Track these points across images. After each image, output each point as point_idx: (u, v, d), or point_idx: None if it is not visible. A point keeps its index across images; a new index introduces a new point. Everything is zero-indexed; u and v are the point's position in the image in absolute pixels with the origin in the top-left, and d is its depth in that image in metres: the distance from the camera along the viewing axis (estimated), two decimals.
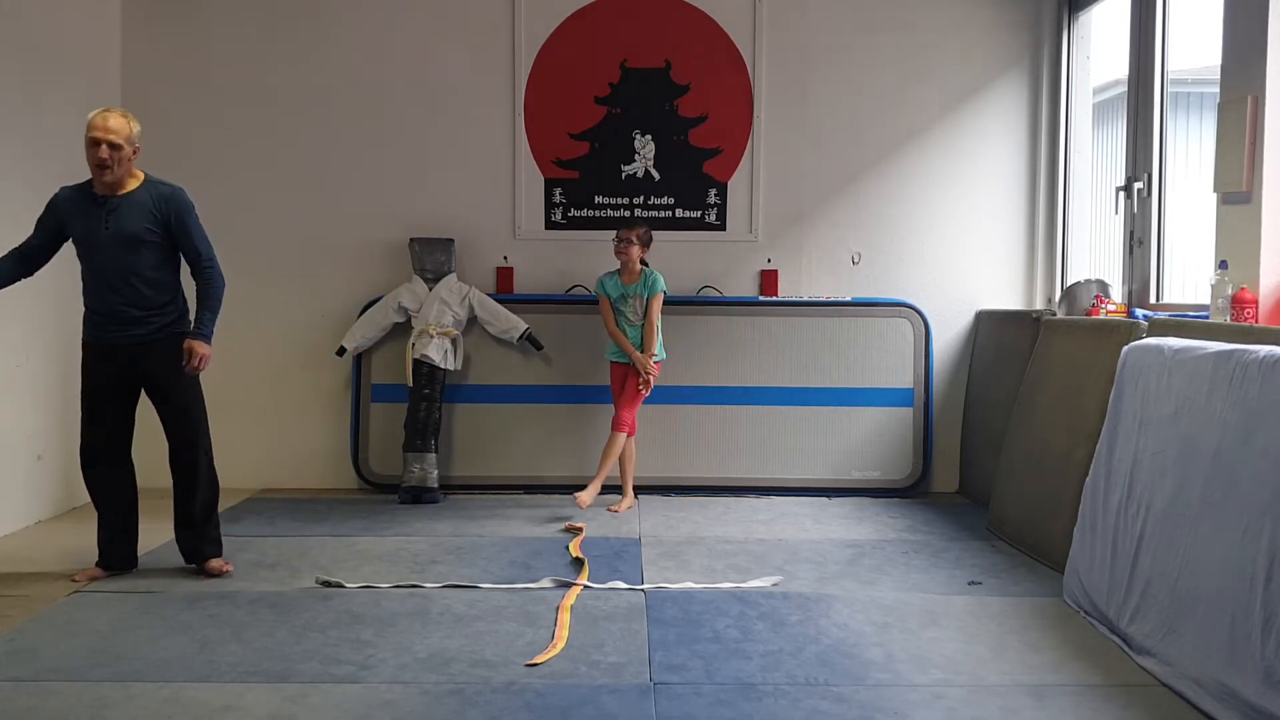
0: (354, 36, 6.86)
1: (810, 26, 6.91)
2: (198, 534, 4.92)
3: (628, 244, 6.15)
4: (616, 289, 6.24)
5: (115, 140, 4.54)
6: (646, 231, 6.25)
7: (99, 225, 4.61)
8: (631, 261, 6.18)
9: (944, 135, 6.95)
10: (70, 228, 4.67)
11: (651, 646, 3.96)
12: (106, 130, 4.52)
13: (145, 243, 4.64)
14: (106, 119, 4.55)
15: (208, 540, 4.93)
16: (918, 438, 6.81)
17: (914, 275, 6.97)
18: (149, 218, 4.65)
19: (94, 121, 4.55)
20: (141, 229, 4.63)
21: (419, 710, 3.39)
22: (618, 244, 6.19)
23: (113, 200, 4.63)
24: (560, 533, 5.71)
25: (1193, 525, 3.69)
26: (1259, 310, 4.48)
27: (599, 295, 6.31)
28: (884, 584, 4.81)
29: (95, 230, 4.62)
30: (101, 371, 4.72)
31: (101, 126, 4.53)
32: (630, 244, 6.15)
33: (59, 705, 3.39)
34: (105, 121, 4.54)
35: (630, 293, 6.21)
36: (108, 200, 4.63)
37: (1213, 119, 4.89)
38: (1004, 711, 3.42)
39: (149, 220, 4.64)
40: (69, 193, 4.71)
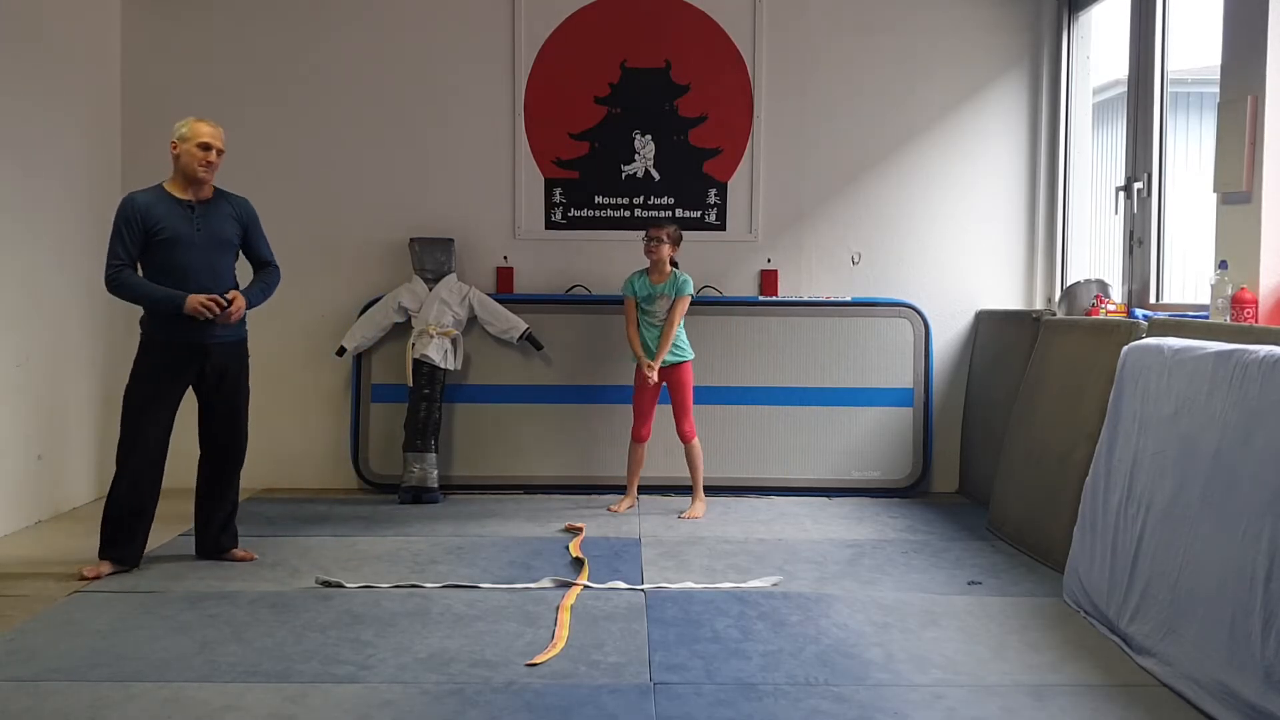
0: (354, 36, 6.86)
1: (810, 26, 6.91)
2: (223, 528, 5.11)
3: (658, 242, 6.08)
4: (645, 288, 6.16)
5: (219, 146, 4.88)
6: (676, 230, 6.18)
7: (190, 227, 4.84)
8: (661, 260, 6.11)
9: (944, 135, 6.96)
10: (161, 230, 4.79)
11: (651, 646, 3.96)
12: (215, 136, 4.86)
13: (231, 246, 4.98)
14: (213, 125, 4.87)
15: (229, 533, 5.13)
16: (918, 438, 6.81)
17: (914, 275, 6.97)
18: (232, 223, 4.98)
19: (201, 128, 4.83)
20: (229, 233, 4.96)
21: (419, 710, 3.39)
22: (647, 242, 6.12)
23: (198, 205, 4.89)
24: (560, 533, 5.71)
25: (1193, 525, 3.69)
26: (1259, 310, 4.48)
27: (625, 295, 6.23)
28: (884, 584, 4.81)
29: (187, 232, 4.84)
30: (169, 369, 4.86)
31: (210, 132, 4.84)
32: (660, 242, 6.08)
33: (59, 705, 3.39)
34: (213, 128, 4.86)
35: (658, 292, 6.13)
36: (193, 204, 4.88)
37: (1213, 119, 4.89)
38: (1004, 711, 3.42)
39: (233, 225, 4.98)
40: (146, 198, 4.85)
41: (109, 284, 4.82)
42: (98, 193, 6.57)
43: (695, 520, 6.04)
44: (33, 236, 5.85)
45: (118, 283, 4.79)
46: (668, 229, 6.13)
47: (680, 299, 6.10)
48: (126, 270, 4.79)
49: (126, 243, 4.79)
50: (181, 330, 4.82)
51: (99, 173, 6.59)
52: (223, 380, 4.97)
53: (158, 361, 4.86)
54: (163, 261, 4.81)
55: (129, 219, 4.80)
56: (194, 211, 4.86)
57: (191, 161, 4.82)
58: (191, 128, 4.83)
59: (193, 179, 4.86)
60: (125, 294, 4.83)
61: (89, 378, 6.44)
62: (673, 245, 6.14)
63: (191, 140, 4.81)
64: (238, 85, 6.82)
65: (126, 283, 4.79)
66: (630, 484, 6.35)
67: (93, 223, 6.50)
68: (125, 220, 4.80)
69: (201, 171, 4.84)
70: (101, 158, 6.63)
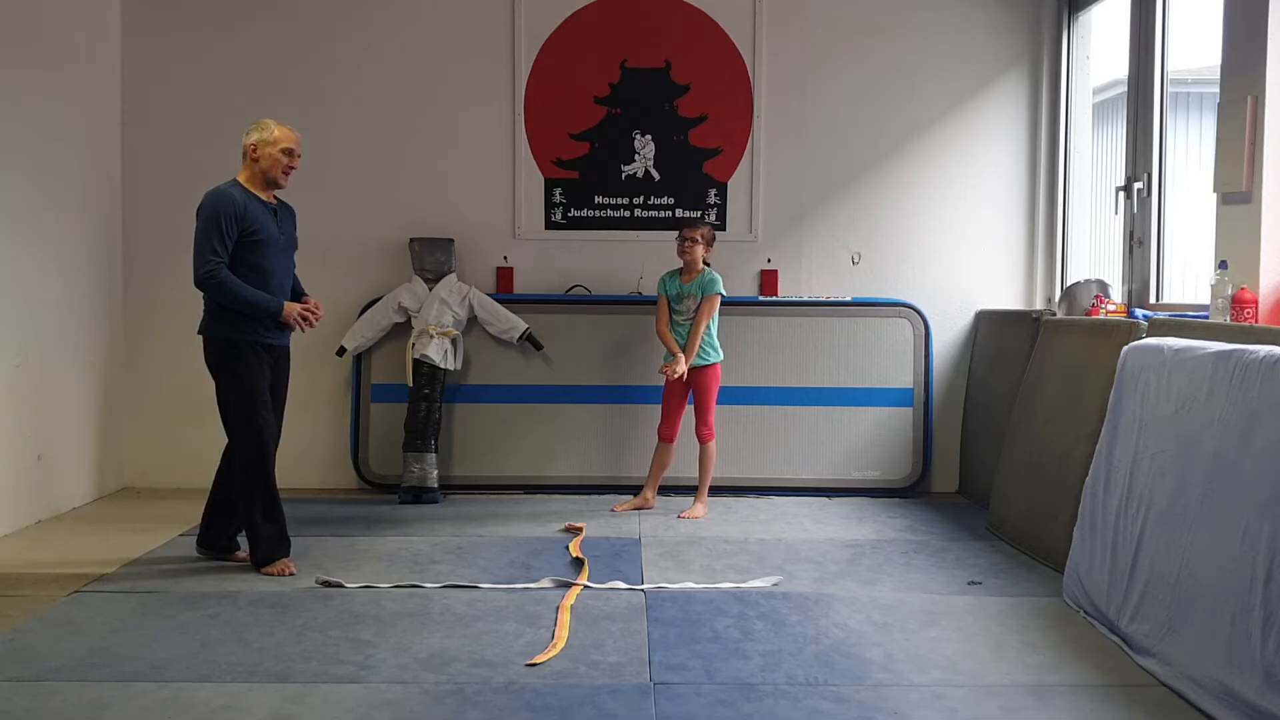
0: (354, 36, 6.86)
1: (810, 26, 6.91)
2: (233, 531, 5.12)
3: (691, 243, 6.05)
4: (675, 287, 6.17)
5: (301, 153, 4.94)
6: (710, 230, 6.17)
7: (275, 230, 4.89)
8: (695, 261, 6.09)
9: (944, 135, 6.95)
10: (255, 230, 4.79)
11: (651, 646, 3.96)
12: (298, 142, 4.90)
13: (295, 250, 5.06)
14: (293, 130, 4.91)
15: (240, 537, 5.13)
16: (917, 438, 6.81)
17: (914, 275, 6.97)
18: (295, 228, 5.07)
19: (286, 133, 4.86)
20: (294, 237, 5.05)
21: (419, 710, 3.39)
22: (681, 243, 6.10)
23: (274, 208, 4.93)
24: (560, 533, 5.71)
25: (1193, 525, 3.69)
26: (1259, 310, 4.48)
27: (659, 294, 6.24)
28: (884, 584, 4.81)
29: (273, 234, 4.87)
30: (261, 367, 4.89)
31: (295, 138, 4.89)
32: (694, 243, 6.05)
33: (59, 705, 3.39)
34: (295, 133, 4.91)
35: (687, 291, 6.12)
36: (274, 207, 4.92)
37: (1213, 119, 4.89)
38: (1004, 711, 3.42)
39: (296, 230, 5.07)
40: (242, 195, 4.82)
41: (206, 280, 4.71)
42: (98, 194, 6.58)
43: (695, 520, 6.03)
44: (33, 237, 5.84)
45: (217, 281, 4.69)
46: (702, 229, 6.11)
47: (707, 299, 6.07)
48: (225, 269, 4.71)
49: (225, 239, 4.72)
50: (262, 332, 4.83)
51: (99, 174, 6.59)
52: (278, 383, 5.02)
53: (251, 361, 4.85)
54: (252, 262, 4.78)
55: (230, 215, 4.71)
56: (275, 215, 4.90)
57: (275, 166, 4.83)
58: (274, 132, 4.82)
59: (272, 183, 4.87)
60: (223, 294, 4.72)
61: (89, 378, 6.44)
62: (706, 246, 6.12)
63: (276, 145, 4.81)
64: (237, 86, 6.82)
65: (227, 283, 4.69)
66: (649, 483, 6.30)
67: (93, 223, 6.52)
68: (226, 216, 4.71)
69: (284, 178, 4.87)
70: (102, 159, 6.63)
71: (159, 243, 6.82)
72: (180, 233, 6.77)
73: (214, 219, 4.71)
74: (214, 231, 4.70)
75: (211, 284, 4.71)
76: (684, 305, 6.12)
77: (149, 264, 6.83)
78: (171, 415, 6.85)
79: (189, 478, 6.80)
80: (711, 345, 6.13)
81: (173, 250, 6.81)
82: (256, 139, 4.82)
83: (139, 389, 6.85)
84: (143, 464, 6.89)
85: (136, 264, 6.84)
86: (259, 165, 4.83)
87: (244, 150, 4.86)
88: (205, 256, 4.69)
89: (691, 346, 6.03)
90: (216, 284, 4.70)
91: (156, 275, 6.82)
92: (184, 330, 6.79)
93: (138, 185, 6.85)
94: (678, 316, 6.15)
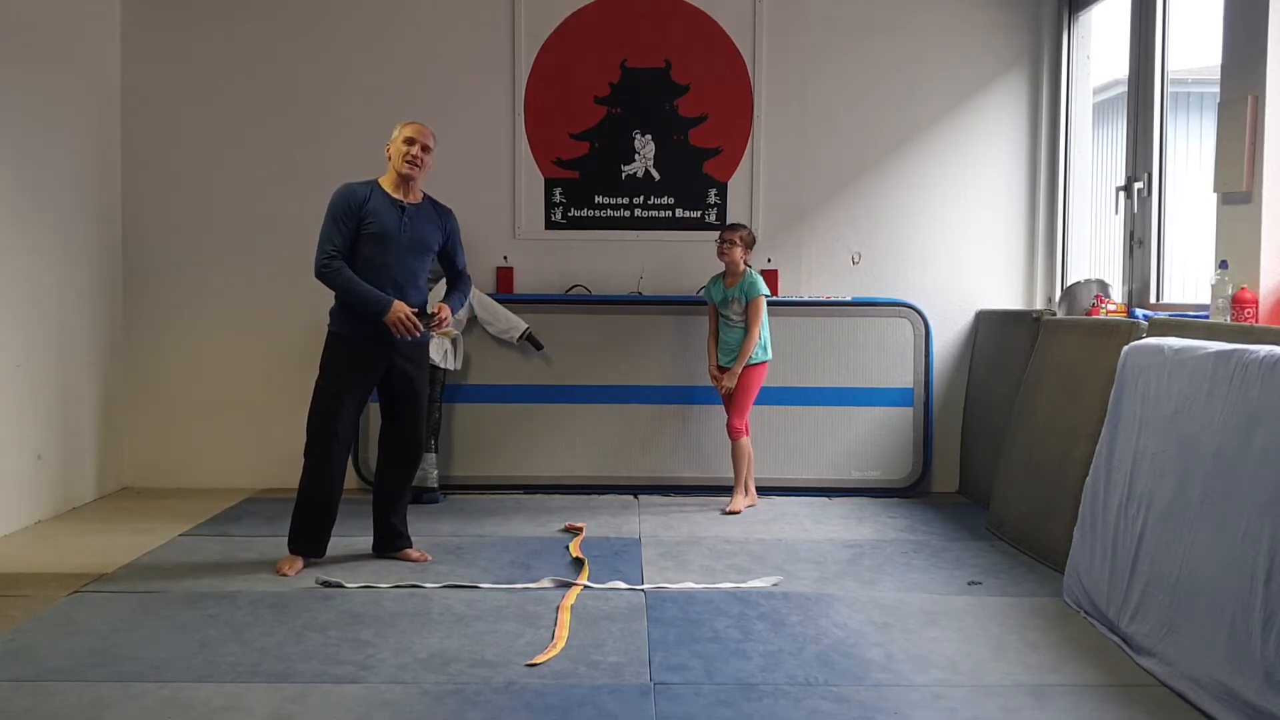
0: (354, 36, 6.86)
1: (810, 26, 6.91)
2: (399, 526, 5.17)
3: (730, 245, 6.12)
4: (719, 293, 6.23)
5: (429, 144, 4.92)
6: (749, 233, 6.23)
7: (398, 227, 4.88)
8: (735, 264, 6.15)
9: (944, 135, 6.96)
10: (371, 224, 4.83)
11: (651, 646, 3.96)
12: (423, 133, 4.91)
13: (430, 252, 5.02)
14: (422, 125, 4.94)
15: (405, 531, 5.19)
16: (918, 438, 6.81)
17: (914, 275, 6.97)
18: (436, 230, 5.02)
19: (413, 125, 4.90)
20: (431, 239, 4.99)
21: (419, 710, 3.39)
22: (720, 245, 6.17)
23: (409, 206, 4.93)
24: (560, 533, 5.71)
25: (1193, 525, 3.69)
26: (1259, 310, 4.48)
27: (707, 302, 6.33)
28: (884, 584, 4.81)
29: (395, 231, 4.87)
30: (359, 367, 4.92)
31: (419, 130, 4.90)
32: (732, 245, 6.12)
33: (59, 705, 3.39)
34: (423, 126, 4.93)
35: (731, 295, 6.18)
36: (404, 205, 4.92)
37: (1213, 119, 4.89)
38: (1004, 711, 3.42)
39: (437, 232, 5.02)
40: (363, 190, 4.88)
41: (322, 270, 4.80)
42: (98, 193, 6.57)
43: (736, 514, 6.09)
44: (33, 237, 5.84)
45: (330, 272, 4.79)
46: (740, 232, 6.16)
47: (754, 301, 6.12)
48: (339, 261, 4.78)
49: (343, 232, 4.80)
50: (373, 329, 4.85)
51: (99, 173, 6.59)
52: (410, 384, 5.01)
53: (348, 358, 4.89)
54: (367, 255, 4.83)
55: (347, 209, 4.81)
56: (404, 212, 4.90)
57: (398, 156, 4.86)
58: (400, 128, 4.90)
59: (401, 175, 4.88)
60: (335, 286, 4.82)
61: (89, 378, 6.44)
62: (745, 248, 6.17)
63: (399, 138, 4.88)
64: (237, 86, 6.82)
65: (339, 275, 4.78)
66: (736, 481, 6.30)
67: (93, 223, 6.52)
68: (344, 210, 4.81)
69: (406, 167, 4.86)
70: (102, 159, 6.62)
71: (159, 242, 6.83)
72: (181, 232, 6.84)
73: (332, 212, 4.85)
74: (331, 224, 4.83)
75: (325, 274, 4.82)
76: (730, 309, 6.19)
77: (149, 264, 6.83)
78: (171, 415, 6.85)
79: (189, 478, 6.82)
80: (762, 343, 6.20)
81: (173, 250, 6.85)
82: (392, 137, 4.92)
83: (139, 389, 6.85)
84: (143, 464, 6.89)
85: (136, 264, 6.84)
86: (391, 162, 4.91)
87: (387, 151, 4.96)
88: (322, 248, 4.82)
89: (743, 355, 6.12)
90: (330, 275, 4.81)
91: (156, 275, 6.83)
92: (185, 330, 6.86)
93: (138, 185, 6.85)
94: (725, 320, 6.22)
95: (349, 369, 4.91)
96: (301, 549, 4.96)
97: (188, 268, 6.84)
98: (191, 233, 6.83)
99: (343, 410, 4.90)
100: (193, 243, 6.82)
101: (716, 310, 6.27)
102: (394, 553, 5.15)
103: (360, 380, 4.94)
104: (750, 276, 6.17)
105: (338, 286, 4.82)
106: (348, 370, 4.90)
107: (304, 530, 4.98)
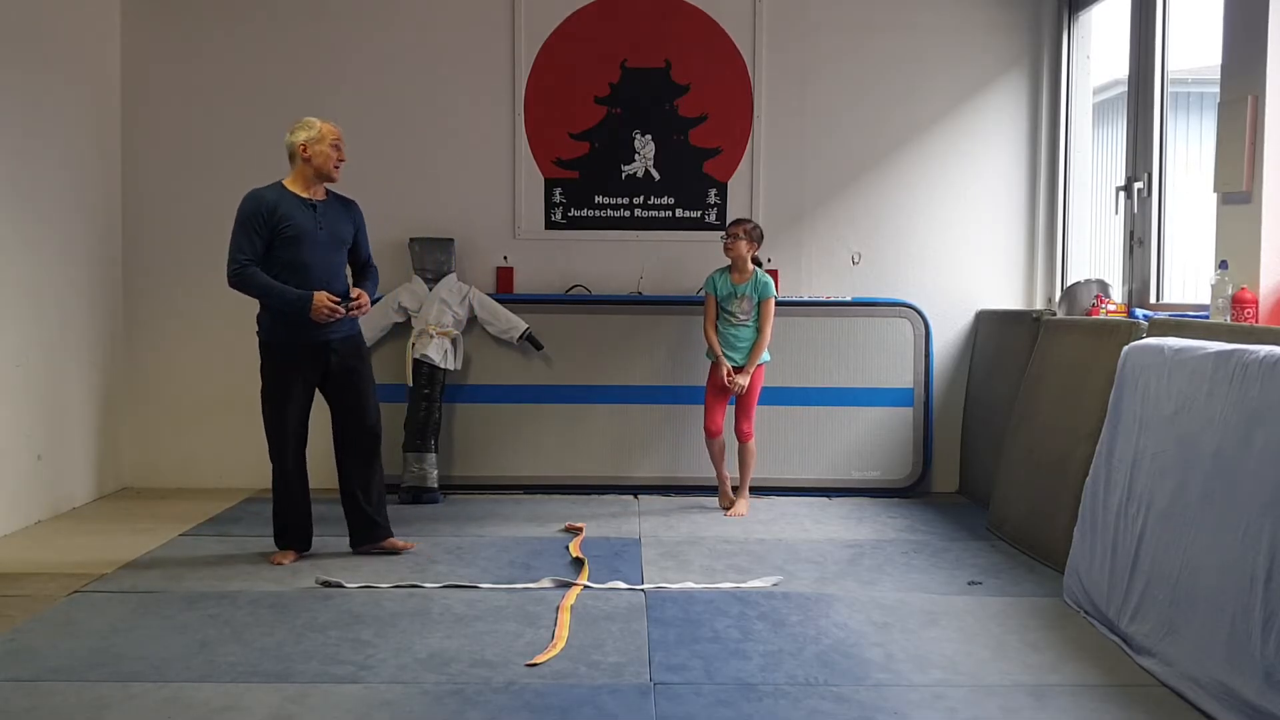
0: (354, 36, 6.86)
1: (810, 26, 6.91)
2: (373, 516, 5.19)
3: (734, 238, 6.09)
4: (726, 287, 6.18)
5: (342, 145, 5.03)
6: (756, 227, 6.18)
7: (314, 226, 4.93)
8: (741, 258, 6.12)
9: (944, 135, 6.95)
10: (288, 226, 4.86)
11: (651, 646, 3.96)
12: (340, 136, 5.01)
13: (346, 245, 5.09)
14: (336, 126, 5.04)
15: (382, 523, 5.22)
16: (918, 438, 6.81)
17: (914, 275, 6.97)
18: (349, 223, 5.10)
19: (331, 128, 4.97)
20: (345, 232, 5.06)
21: (419, 710, 3.39)
22: (725, 239, 6.15)
23: (319, 204, 4.99)
24: (560, 533, 5.71)
25: (1193, 525, 3.69)
26: (1259, 310, 4.48)
27: (706, 292, 6.25)
28: (884, 584, 4.81)
29: (311, 230, 4.93)
30: (294, 370, 4.98)
31: (338, 132, 5.00)
32: (737, 238, 6.08)
33: (59, 705, 3.39)
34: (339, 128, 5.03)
35: (740, 292, 6.14)
36: (315, 203, 4.97)
37: (1213, 119, 4.89)
38: (1004, 711, 3.42)
39: (349, 225, 5.09)
40: (273, 194, 4.91)
41: (233, 279, 4.85)
42: (98, 194, 6.57)
43: (740, 518, 6.08)
44: (33, 238, 5.84)
45: (242, 278, 4.83)
46: (745, 225, 6.13)
47: (766, 302, 6.11)
48: (252, 267, 4.83)
49: (253, 238, 4.84)
50: (302, 330, 4.89)
51: (99, 174, 6.59)
52: (350, 376, 5.06)
53: (281, 363, 4.96)
54: (288, 258, 4.87)
55: (256, 214, 4.85)
56: (316, 210, 4.95)
57: (327, 162, 4.94)
58: (321, 129, 4.93)
59: (326, 178, 4.98)
60: (251, 291, 4.87)
61: (89, 378, 6.44)
62: (750, 242, 6.12)
63: (325, 141, 4.92)
64: (237, 86, 6.82)
65: (253, 280, 4.82)
66: (742, 484, 6.30)
67: (93, 224, 6.52)
68: (253, 216, 4.85)
69: (335, 172, 4.97)
70: (102, 159, 6.63)
71: (159, 243, 6.83)
72: (181, 232, 6.84)
73: (241, 220, 4.87)
74: (240, 232, 4.86)
75: (237, 281, 4.86)
76: (737, 305, 6.14)
77: (149, 264, 6.83)
78: (171, 415, 6.85)
79: (189, 478, 6.82)
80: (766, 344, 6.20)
81: (173, 250, 6.84)
82: (305, 138, 4.92)
83: (139, 389, 6.85)
84: (143, 464, 6.89)
85: (136, 264, 6.84)
86: (312, 164, 4.93)
87: (291, 150, 4.96)
88: (233, 256, 4.85)
89: (755, 356, 6.11)
90: (242, 280, 4.84)
91: (156, 275, 6.83)
92: (184, 330, 6.86)
93: (138, 185, 6.85)
94: (730, 316, 6.17)
95: (287, 378, 4.97)
96: (283, 544, 5.12)
97: (187, 268, 6.83)
98: (191, 233, 6.83)
99: (288, 415, 4.99)
100: (192, 243, 6.81)
101: (718, 303, 6.21)
102: (373, 544, 5.18)
103: (300, 382, 5.00)
104: (762, 276, 6.15)
105: (255, 289, 4.84)
106: (285, 379, 4.97)
107: (283, 529, 5.13)
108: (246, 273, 4.82)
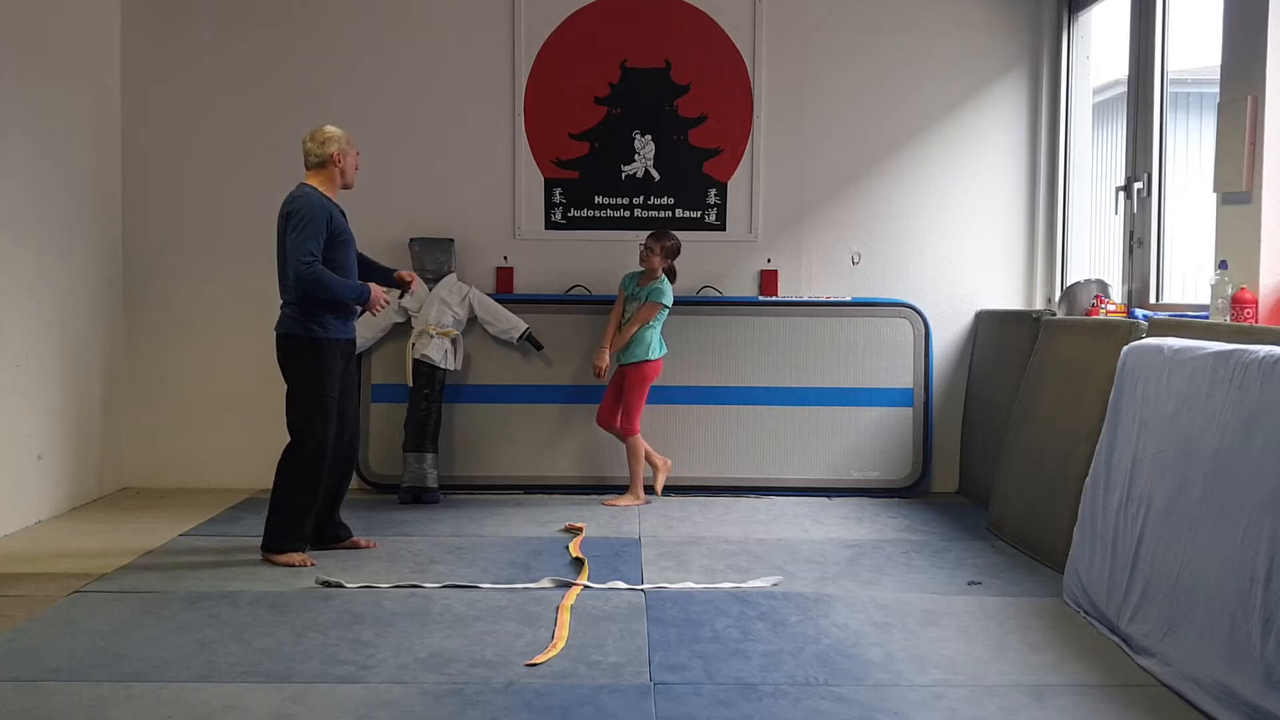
0: (354, 36, 6.85)
1: (810, 26, 6.91)
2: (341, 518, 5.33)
3: (649, 252, 6.37)
4: (630, 287, 6.46)
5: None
6: (675, 245, 6.41)
7: (349, 229, 5.17)
8: (652, 269, 6.36)
9: (944, 135, 6.95)
10: (341, 230, 5.09)
11: (651, 646, 3.96)
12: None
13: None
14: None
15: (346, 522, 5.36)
16: (917, 438, 6.81)
17: (914, 275, 6.97)
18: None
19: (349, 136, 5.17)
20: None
21: (419, 710, 3.39)
22: (642, 249, 6.39)
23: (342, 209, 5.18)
24: (560, 533, 5.71)
25: (1193, 525, 3.69)
26: (1259, 310, 4.48)
27: (619, 289, 6.51)
28: (884, 584, 4.81)
29: (350, 233, 5.17)
30: (338, 365, 5.11)
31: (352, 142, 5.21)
32: (652, 253, 6.36)
33: (59, 705, 3.39)
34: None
35: (639, 295, 6.38)
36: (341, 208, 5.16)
37: (1213, 119, 4.89)
38: (1004, 711, 3.42)
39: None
40: (324, 199, 5.05)
41: (306, 276, 4.91)
42: (98, 194, 6.57)
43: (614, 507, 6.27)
44: (33, 238, 5.84)
45: (314, 274, 4.91)
46: (664, 242, 6.37)
47: (646, 304, 6.32)
48: (319, 264, 4.93)
49: (319, 239, 4.96)
50: (347, 328, 5.14)
51: (99, 174, 6.59)
52: (351, 381, 5.26)
53: (330, 360, 5.05)
54: (338, 260, 5.04)
55: (324, 216, 4.99)
56: (343, 214, 5.15)
57: (353, 172, 5.19)
58: (345, 138, 5.13)
59: (348, 185, 5.20)
60: (320, 288, 4.94)
61: (89, 378, 6.44)
62: (664, 258, 6.37)
63: (353, 150, 5.16)
64: (237, 87, 6.82)
65: (323, 275, 4.93)
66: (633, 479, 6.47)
67: (93, 224, 6.52)
68: (320, 217, 4.98)
69: (353, 176, 5.22)
70: (102, 159, 6.62)
71: (159, 243, 6.83)
72: (181, 233, 6.84)
73: (310, 220, 4.96)
74: (310, 232, 4.94)
75: (310, 279, 4.93)
76: (632, 307, 6.42)
77: (149, 264, 6.83)
78: (172, 415, 6.85)
79: (189, 478, 6.82)
80: (644, 344, 6.32)
81: (173, 251, 6.84)
82: (337, 149, 5.10)
83: (139, 389, 6.85)
84: (143, 464, 6.89)
85: (136, 264, 6.84)
86: (340, 168, 5.11)
87: (322, 159, 5.08)
88: (302, 256, 4.92)
89: (618, 342, 6.35)
90: (315, 278, 4.93)
91: (156, 275, 6.83)
92: (184, 330, 6.85)
93: (138, 186, 6.84)
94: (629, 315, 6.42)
95: (332, 370, 5.07)
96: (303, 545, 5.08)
97: (188, 268, 6.83)
98: (192, 233, 6.83)
99: (332, 413, 5.07)
100: (193, 243, 6.82)
101: (625, 302, 6.46)
102: (338, 544, 5.27)
103: (339, 378, 5.12)
104: (661, 284, 6.35)
105: (323, 285, 4.94)
106: (332, 371, 5.07)
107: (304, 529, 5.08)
108: (316, 269, 4.92)
